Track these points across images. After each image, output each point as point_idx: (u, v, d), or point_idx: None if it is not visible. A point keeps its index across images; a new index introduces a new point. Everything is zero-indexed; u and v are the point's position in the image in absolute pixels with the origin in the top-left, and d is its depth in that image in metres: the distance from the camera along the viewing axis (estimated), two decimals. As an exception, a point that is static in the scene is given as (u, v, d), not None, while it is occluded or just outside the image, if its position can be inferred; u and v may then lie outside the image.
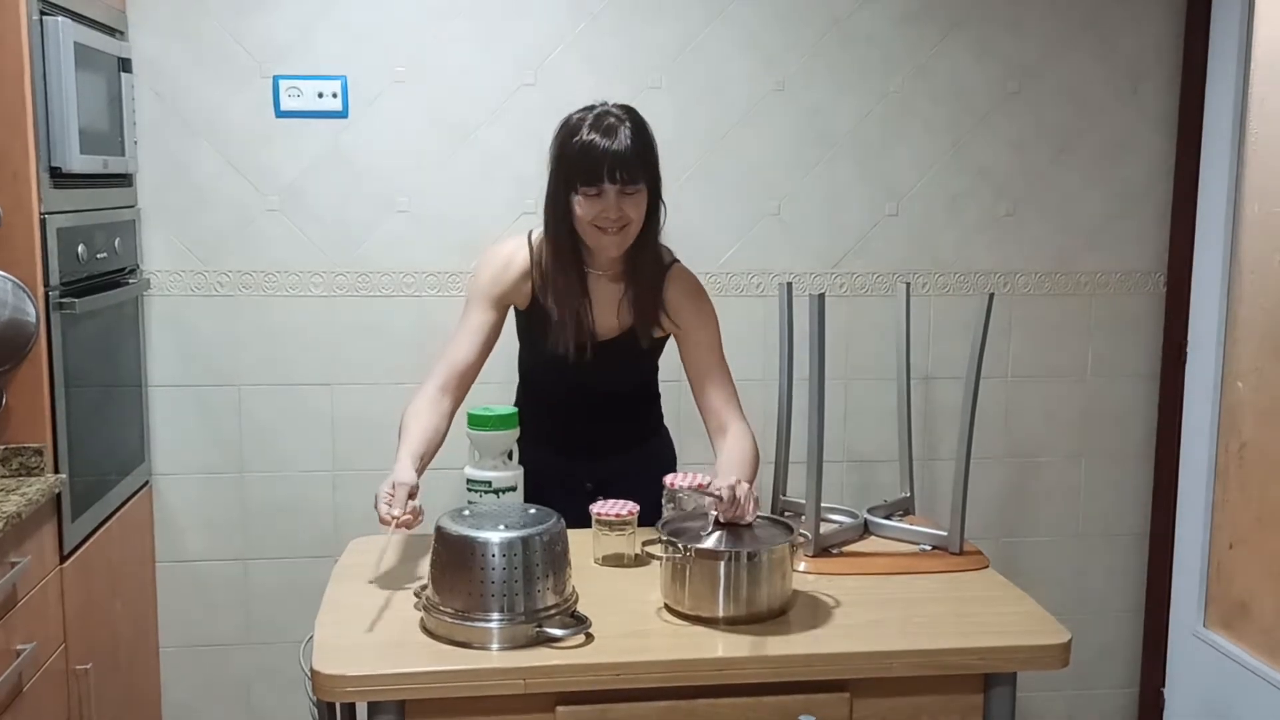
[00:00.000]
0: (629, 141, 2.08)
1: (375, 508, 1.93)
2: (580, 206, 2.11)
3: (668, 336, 2.35)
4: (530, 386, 2.44)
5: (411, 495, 1.94)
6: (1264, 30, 2.83)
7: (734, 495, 1.88)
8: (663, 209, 2.21)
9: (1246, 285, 2.89)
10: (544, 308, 2.24)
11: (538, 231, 2.26)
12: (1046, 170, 3.10)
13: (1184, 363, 3.10)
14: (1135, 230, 3.15)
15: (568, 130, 2.13)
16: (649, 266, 2.23)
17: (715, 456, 2.25)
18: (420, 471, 2.04)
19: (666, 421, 2.55)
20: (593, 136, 2.08)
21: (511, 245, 2.28)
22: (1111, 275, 3.16)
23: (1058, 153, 3.09)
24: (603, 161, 2.06)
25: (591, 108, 2.15)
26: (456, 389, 2.22)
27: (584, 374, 2.27)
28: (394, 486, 1.94)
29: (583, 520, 2.13)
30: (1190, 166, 3.05)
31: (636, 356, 2.32)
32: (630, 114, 2.14)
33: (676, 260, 2.31)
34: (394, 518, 1.90)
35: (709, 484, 1.96)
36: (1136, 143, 3.11)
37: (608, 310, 2.25)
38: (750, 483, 2.08)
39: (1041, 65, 3.05)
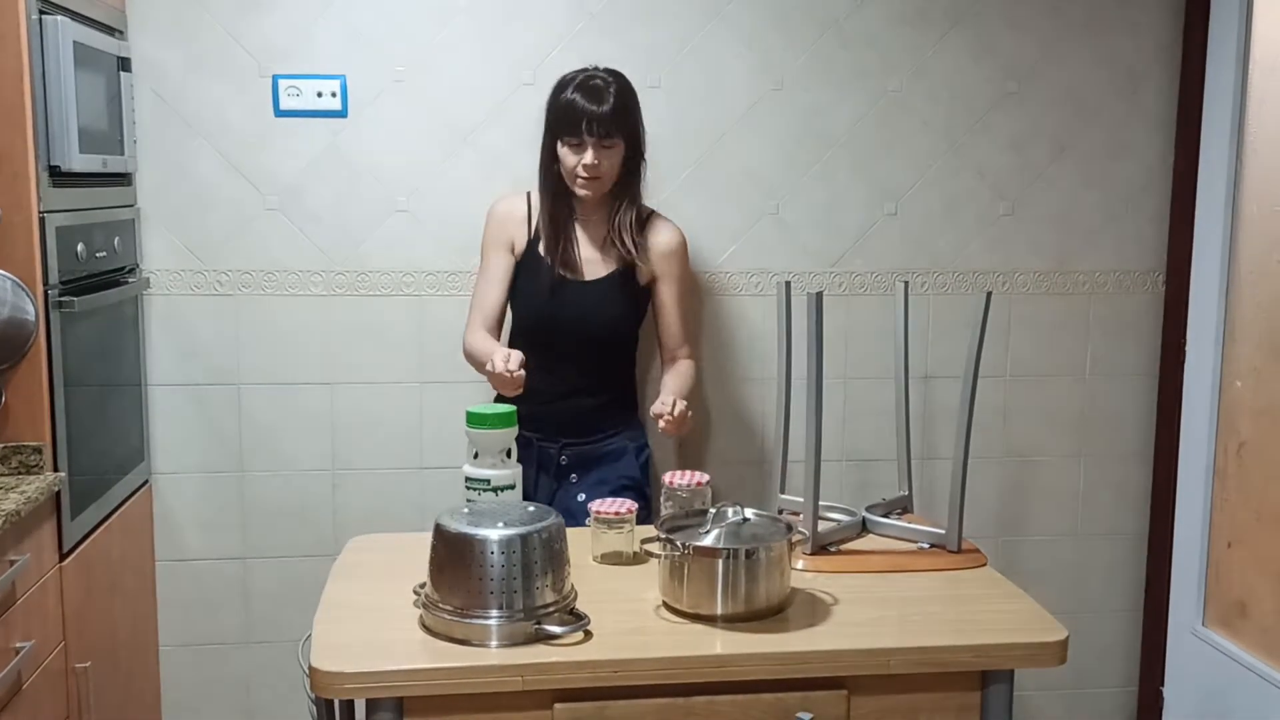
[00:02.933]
0: (610, 101, 2.42)
1: (490, 369, 2.34)
2: (564, 156, 2.46)
3: (647, 301, 2.64)
4: (516, 347, 2.53)
5: (522, 364, 2.32)
6: (1262, 30, 2.84)
7: (677, 413, 2.28)
8: (644, 164, 2.57)
9: (1245, 285, 2.89)
10: (536, 254, 2.56)
11: (536, 193, 2.60)
12: (1045, 170, 3.10)
13: (1183, 362, 3.10)
14: (1134, 230, 3.15)
15: (558, 87, 2.48)
16: (628, 212, 2.55)
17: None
18: None
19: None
20: (576, 95, 2.43)
21: (510, 199, 2.65)
22: (1110, 275, 3.16)
23: (1056, 152, 3.09)
24: (582, 117, 2.41)
25: (583, 69, 2.50)
26: (494, 330, 2.60)
27: (569, 311, 2.54)
28: (509, 354, 2.32)
29: (552, 499, 2.49)
30: (1189, 166, 3.05)
31: (615, 298, 2.58)
32: (617, 77, 2.49)
33: (655, 211, 2.65)
34: (510, 370, 2.28)
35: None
36: (1135, 142, 3.11)
37: (592, 249, 2.57)
38: (686, 397, 2.48)
39: (1040, 65, 3.05)
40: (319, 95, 2.87)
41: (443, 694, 1.68)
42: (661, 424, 2.31)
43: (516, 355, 2.33)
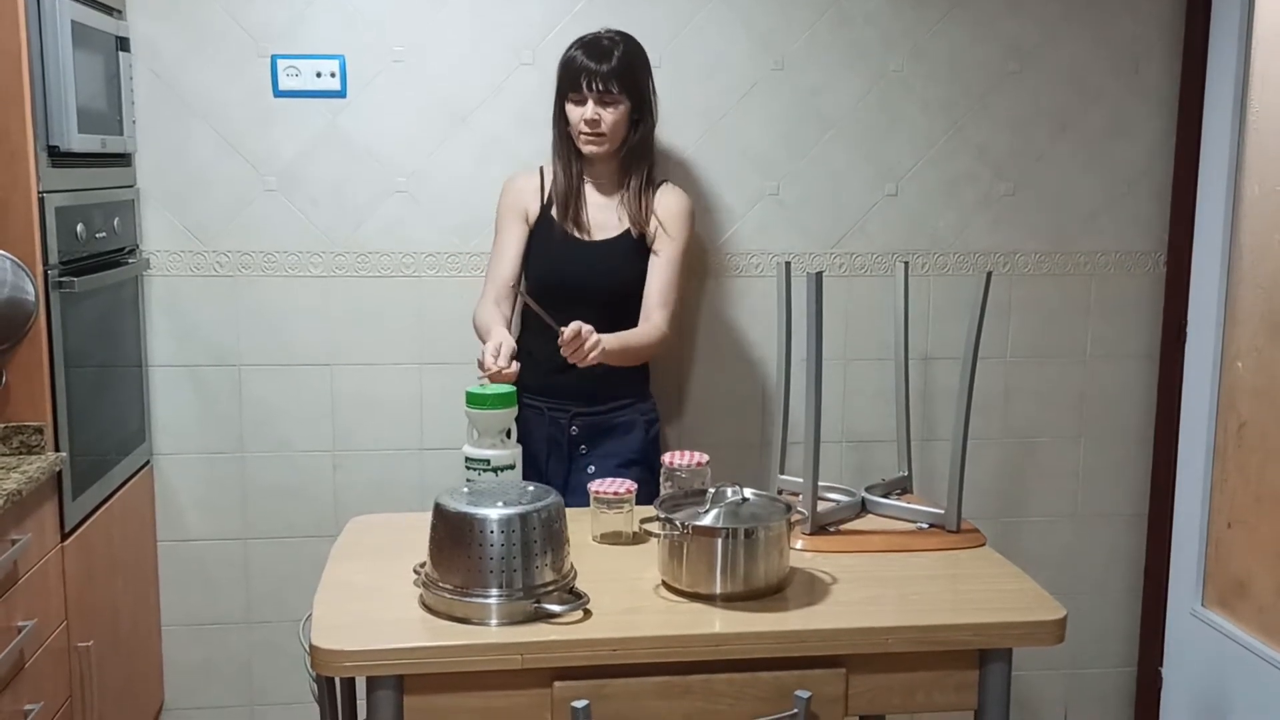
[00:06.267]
0: (612, 61, 2.49)
1: (479, 364, 2.30)
2: (570, 112, 2.54)
3: None
4: (527, 317, 2.62)
5: (512, 356, 2.32)
6: (1265, 10, 2.82)
7: (578, 334, 2.26)
8: (653, 125, 2.62)
9: (1246, 265, 2.89)
10: (549, 219, 2.61)
11: (548, 167, 2.67)
12: (1046, 150, 3.09)
13: (1183, 343, 3.10)
14: (1135, 210, 3.14)
15: (567, 48, 2.56)
16: (640, 174, 2.61)
17: None
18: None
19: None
20: (579, 52, 2.52)
21: (524, 172, 2.70)
22: (1111, 255, 3.16)
23: (1057, 133, 3.09)
24: (580, 72, 2.49)
25: (594, 31, 2.57)
26: (506, 300, 2.59)
27: (577, 271, 2.58)
28: (500, 345, 2.32)
29: (568, 474, 2.47)
30: (1190, 146, 3.05)
31: (624, 259, 2.61)
32: (625, 39, 2.56)
33: (667, 180, 2.71)
34: (499, 368, 2.26)
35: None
36: (1136, 123, 3.10)
37: (601, 212, 2.62)
38: (616, 349, 2.39)
39: (1041, 45, 3.04)
40: (318, 75, 2.86)
41: (442, 672, 1.68)
42: (560, 342, 2.29)
43: (507, 347, 2.32)
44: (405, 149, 2.92)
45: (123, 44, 2.69)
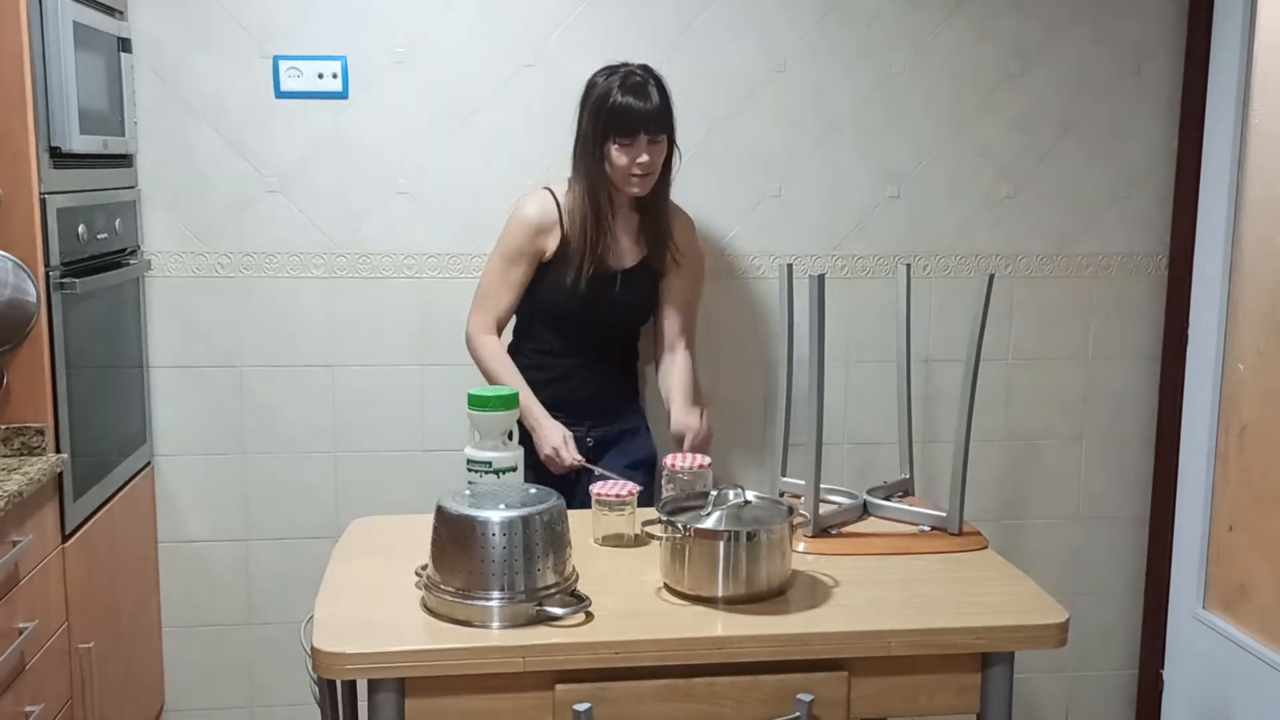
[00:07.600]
0: (657, 99, 2.47)
1: (555, 456, 2.47)
2: (616, 155, 2.46)
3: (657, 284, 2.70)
4: (537, 333, 2.66)
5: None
6: (1267, 11, 2.82)
7: (701, 438, 2.50)
8: (677, 153, 2.60)
9: (1248, 267, 2.89)
10: (569, 252, 2.55)
11: (559, 186, 2.59)
12: (1048, 152, 3.09)
13: (1185, 345, 3.10)
14: (1137, 212, 3.14)
15: (603, 92, 2.47)
16: (662, 201, 2.61)
17: (657, 369, 2.75)
18: None
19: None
20: (628, 98, 2.45)
21: (537, 204, 2.59)
22: (1113, 257, 3.15)
23: (1060, 134, 3.08)
24: (638, 117, 2.44)
25: (615, 69, 2.50)
26: (498, 328, 2.65)
27: (603, 303, 2.58)
28: (566, 437, 2.48)
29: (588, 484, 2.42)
30: (1193, 148, 3.04)
31: (643, 287, 2.65)
32: (651, 72, 2.51)
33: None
34: (577, 461, 2.45)
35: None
36: (1139, 124, 3.10)
37: (627, 240, 2.61)
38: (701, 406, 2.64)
39: (1044, 46, 3.04)
40: (320, 76, 2.86)
41: (444, 675, 1.68)
42: (689, 441, 2.49)
43: (570, 438, 2.49)
44: (407, 150, 2.91)
45: (124, 45, 2.69)
